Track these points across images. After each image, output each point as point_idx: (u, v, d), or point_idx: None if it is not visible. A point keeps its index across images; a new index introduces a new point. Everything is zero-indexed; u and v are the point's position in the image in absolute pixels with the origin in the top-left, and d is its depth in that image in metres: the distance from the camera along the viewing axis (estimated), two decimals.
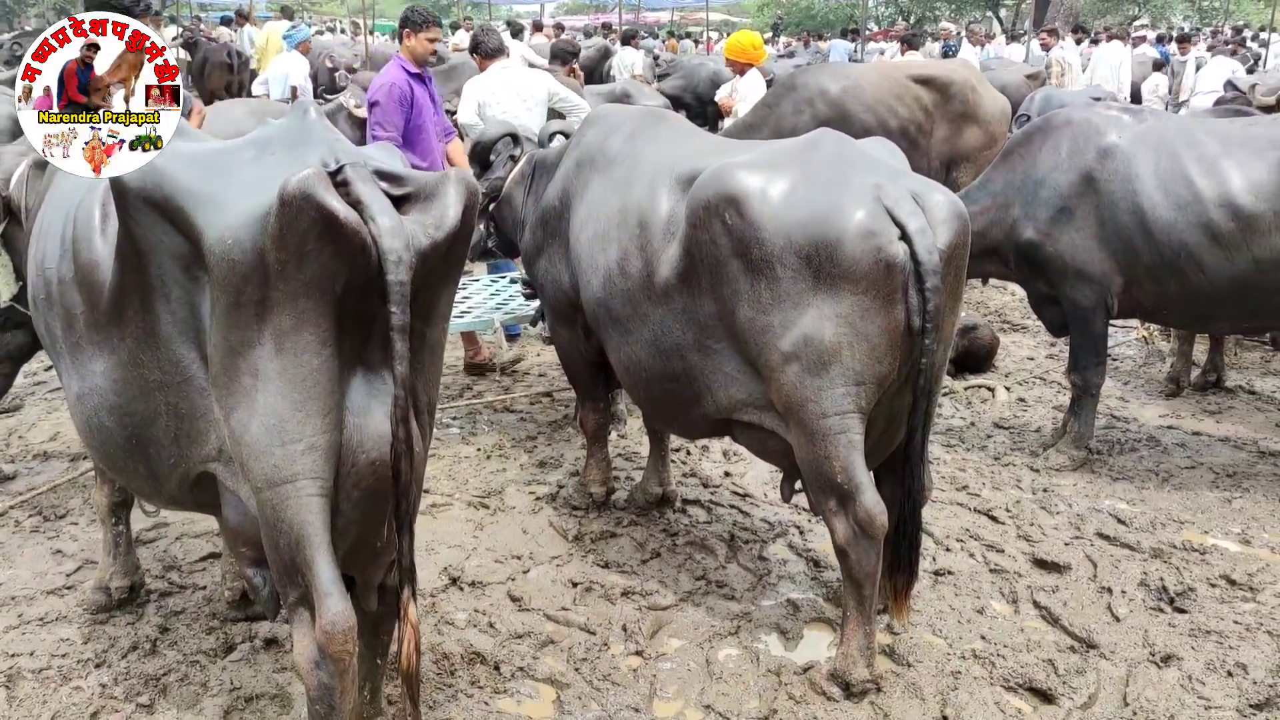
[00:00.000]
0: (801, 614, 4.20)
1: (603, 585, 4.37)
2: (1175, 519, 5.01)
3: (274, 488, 2.65)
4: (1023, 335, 8.17)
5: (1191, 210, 4.97)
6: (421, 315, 2.77)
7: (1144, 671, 3.79)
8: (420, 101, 6.52)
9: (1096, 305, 5.31)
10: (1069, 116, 5.50)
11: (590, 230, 4.37)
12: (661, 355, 4.01)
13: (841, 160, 3.68)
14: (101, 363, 2.98)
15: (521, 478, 5.48)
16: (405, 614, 2.75)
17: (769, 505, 5.15)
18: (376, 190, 2.63)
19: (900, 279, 3.44)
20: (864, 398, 3.50)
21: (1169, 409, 6.51)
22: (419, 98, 6.53)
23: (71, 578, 4.39)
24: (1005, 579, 4.45)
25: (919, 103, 9.12)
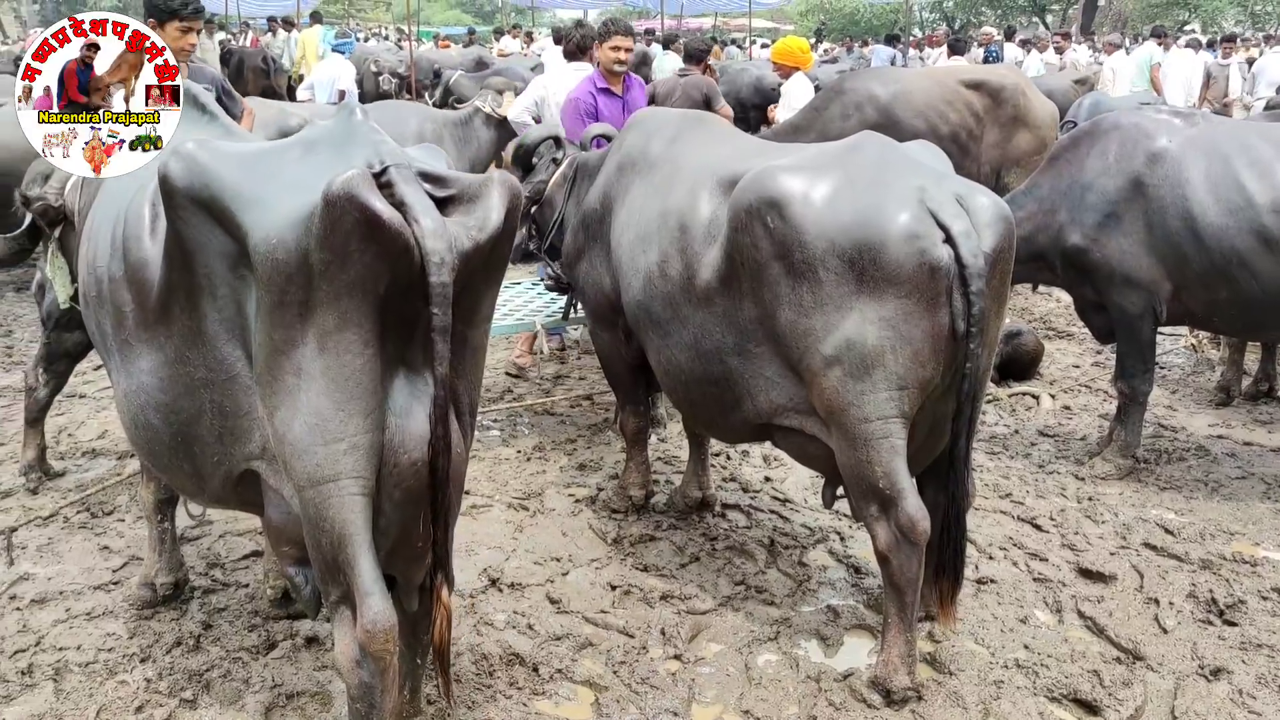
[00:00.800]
0: (842, 620, 4.16)
1: (642, 589, 4.36)
2: (1225, 530, 4.91)
3: (316, 486, 2.67)
4: (1068, 342, 8.07)
5: (1244, 215, 4.88)
6: (463, 317, 2.78)
7: (1192, 684, 3.72)
8: (608, 114, 6.48)
9: (1144, 312, 5.23)
10: (1117, 121, 5.42)
11: (631, 233, 4.37)
12: (702, 358, 4.00)
13: (884, 163, 3.65)
14: (149, 360, 3.01)
15: (561, 480, 5.49)
16: (438, 595, 2.76)
17: (809, 511, 5.12)
18: (420, 191, 2.64)
19: (944, 282, 3.41)
20: (907, 402, 3.47)
21: (1219, 418, 6.40)
22: (605, 111, 6.50)
23: (118, 574, 4.45)
24: (1049, 588, 4.39)
25: (969, 108, 9.07)
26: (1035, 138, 9.19)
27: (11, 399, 6.46)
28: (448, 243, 2.57)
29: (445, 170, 2.81)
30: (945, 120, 8.99)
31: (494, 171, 2.82)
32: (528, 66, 14.98)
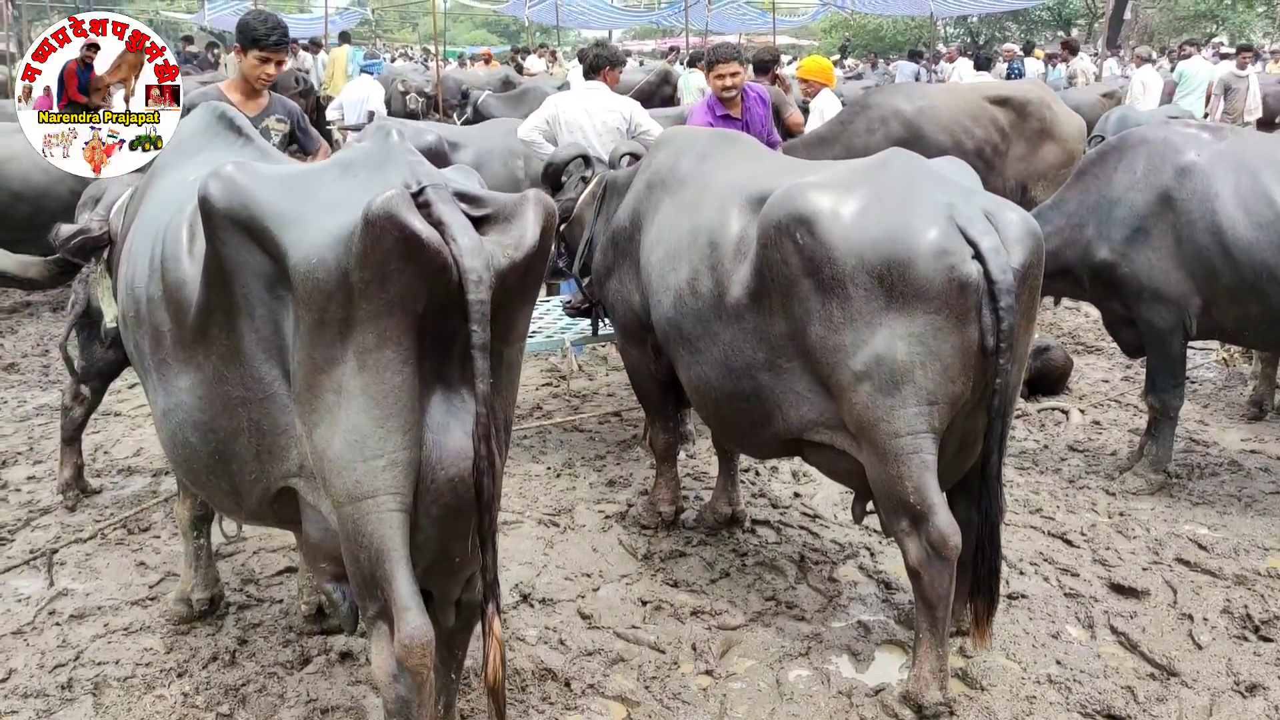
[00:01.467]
0: (873, 636, 4.16)
1: (672, 604, 4.37)
2: (1259, 545, 4.88)
3: (355, 503, 2.71)
4: (1097, 357, 8.03)
5: (1273, 229, 4.86)
6: (500, 334, 2.81)
7: (1228, 701, 3.69)
8: None
9: (1174, 327, 5.21)
10: (1145, 135, 5.42)
11: (661, 250, 4.41)
12: (732, 375, 4.02)
13: (913, 179, 3.67)
14: (187, 379, 3.06)
15: (591, 496, 5.51)
16: (490, 628, 2.78)
17: (839, 526, 5.12)
18: (457, 211, 2.68)
19: (974, 298, 3.42)
20: (937, 418, 3.48)
21: (1251, 433, 6.35)
22: None
23: (155, 589, 4.51)
24: (1081, 603, 4.37)
25: (995, 123, 9.06)
26: (1062, 151, 9.16)
27: (49, 417, 6.56)
28: (485, 261, 2.61)
29: (480, 190, 2.85)
30: (970, 135, 8.99)
31: (530, 191, 2.85)
32: (554, 86, 15.08)
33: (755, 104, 6.84)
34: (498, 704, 2.85)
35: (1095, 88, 15.02)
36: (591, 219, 5.26)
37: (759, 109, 6.88)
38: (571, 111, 7.15)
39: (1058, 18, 44.25)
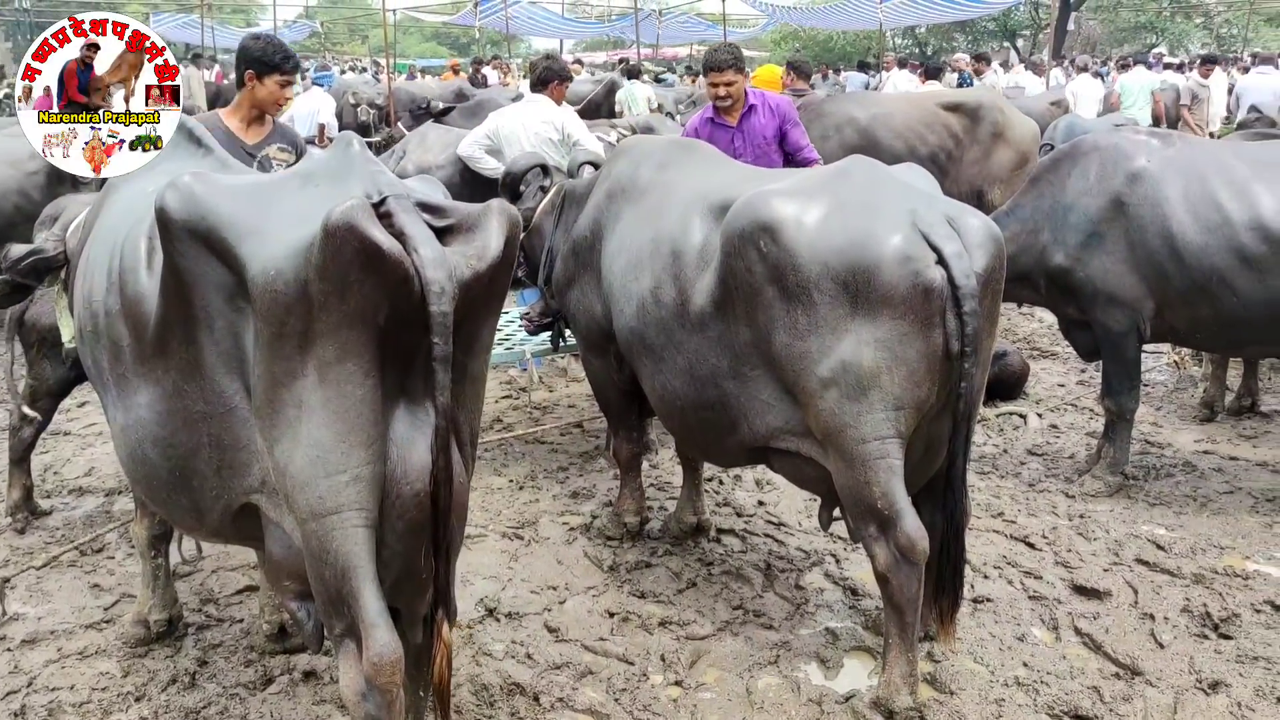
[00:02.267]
0: (841, 642, 4.16)
1: (640, 615, 4.35)
2: (1216, 544, 4.95)
3: (319, 519, 2.66)
4: (1052, 362, 8.13)
5: (1222, 234, 4.95)
6: (463, 347, 2.78)
7: (1192, 699, 3.73)
8: (719, 147, 5.90)
9: (1129, 330, 5.28)
10: (1097, 141, 5.50)
11: (623, 260, 4.39)
12: (697, 383, 4.01)
13: (875, 186, 3.69)
14: (146, 395, 3.00)
15: (555, 508, 5.48)
16: (439, 630, 2.75)
17: (804, 534, 5.13)
18: (419, 221, 2.65)
19: (938, 303, 3.44)
20: (903, 422, 3.49)
21: (1204, 434, 6.45)
22: (719, 144, 5.99)
23: (109, 611, 4.41)
24: (1045, 606, 4.41)
25: (948, 129, 9.18)
26: (1015, 154, 9.29)
27: None
28: (448, 272, 2.58)
29: (443, 200, 2.82)
30: (924, 141, 9.10)
31: (493, 201, 2.82)
32: (508, 97, 15.03)
33: (759, 115, 6.27)
34: (443, 704, 2.82)
35: (1044, 96, 15.26)
36: (550, 229, 5.23)
37: (762, 120, 6.28)
38: (510, 125, 7.15)
39: (1003, 29, 44.93)
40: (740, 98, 6.21)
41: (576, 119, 7.46)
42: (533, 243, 5.38)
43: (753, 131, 6.26)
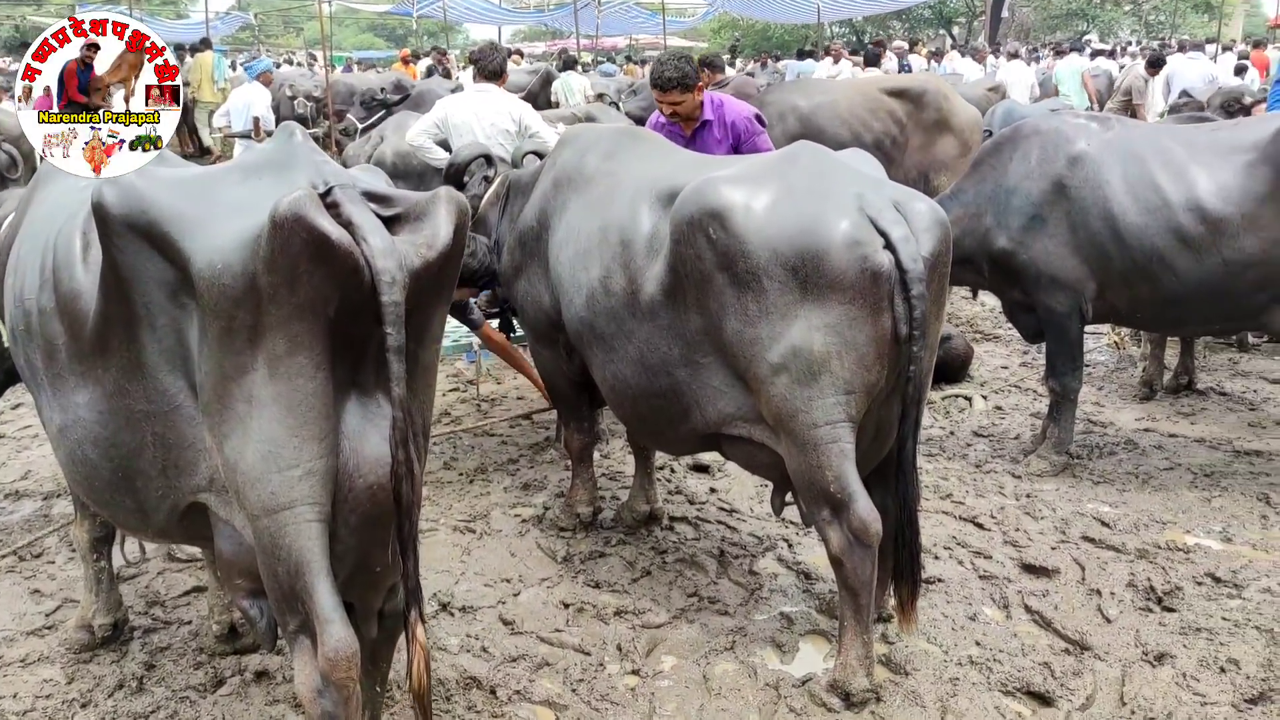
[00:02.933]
0: (796, 627, 4.19)
1: (595, 605, 4.33)
2: (1158, 520, 5.05)
3: (271, 515, 2.61)
4: (996, 344, 8.24)
5: (1161, 215, 5.04)
6: (415, 336, 2.75)
7: (1139, 671, 3.81)
8: None
9: (1071, 311, 5.36)
10: (1038, 126, 5.57)
11: (571, 250, 4.37)
12: (648, 372, 4.00)
13: (822, 172, 3.70)
14: (85, 394, 2.93)
15: (506, 501, 5.44)
16: (414, 635, 2.72)
17: (756, 520, 5.14)
18: (367, 211, 2.60)
19: (886, 287, 3.46)
20: (854, 406, 3.51)
21: (1144, 412, 6.58)
22: None
23: (51, 617, 4.30)
24: (995, 585, 4.47)
25: (892, 115, 9.22)
26: (959, 141, 9.36)
27: None
28: (398, 261, 2.54)
29: (389, 189, 2.78)
30: (868, 128, 9.14)
31: (441, 189, 2.78)
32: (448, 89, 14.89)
33: (713, 131, 5.90)
34: (424, 711, 2.79)
35: (982, 82, 15.46)
36: (496, 219, 5.19)
37: (715, 137, 5.91)
38: (461, 114, 7.02)
39: (939, 16, 45.48)
40: (692, 113, 5.82)
41: (533, 111, 7.39)
42: (478, 234, 5.33)
43: (704, 146, 5.86)
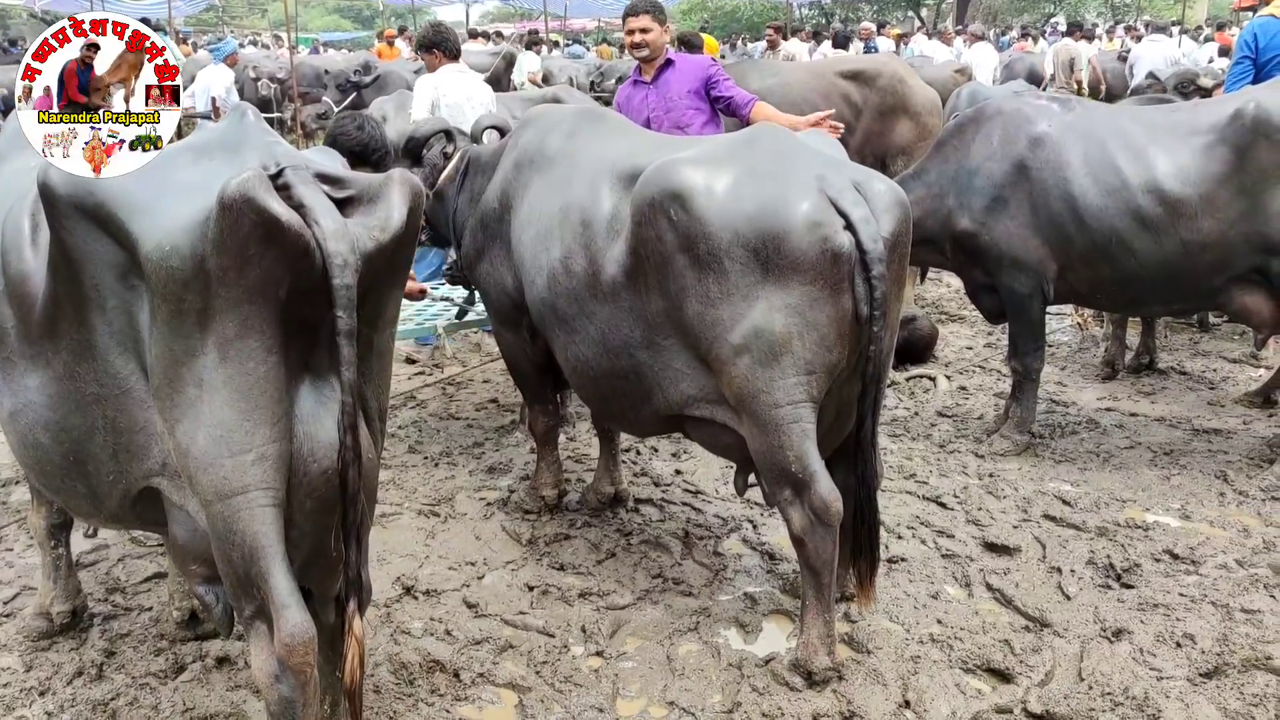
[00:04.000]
0: (759, 607, 4.20)
1: (559, 588, 4.33)
2: (1118, 498, 5.10)
3: (224, 500, 2.59)
4: (960, 325, 8.29)
5: (1120, 196, 5.08)
6: (368, 320, 2.73)
7: (1097, 647, 3.84)
8: (630, 106, 6.17)
9: (1033, 292, 5.39)
10: (1000, 107, 5.59)
11: (532, 230, 4.34)
12: (610, 353, 3.99)
13: (782, 153, 3.70)
14: (35, 378, 2.89)
15: (471, 484, 5.42)
16: (350, 627, 2.70)
17: (721, 501, 5.16)
18: (319, 193, 2.58)
19: (846, 268, 3.46)
20: (815, 387, 3.52)
21: (1106, 391, 6.64)
22: (628, 103, 6.21)
23: (9, 605, 4.25)
24: (957, 563, 4.50)
25: (847, 99, 9.01)
26: (916, 125, 9.17)
27: None
28: (350, 244, 2.52)
29: (342, 171, 2.75)
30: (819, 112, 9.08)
31: (395, 170, 2.76)
32: (412, 70, 14.79)
33: (675, 71, 6.16)
34: (354, 707, 2.77)
35: (949, 64, 15.46)
36: (454, 194, 5.13)
37: (678, 76, 6.15)
38: (453, 96, 7.01)
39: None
40: (656, 49, 6.14)
41: None
42: (435, 209, 5.27)
43: (666, 87, 6.15)
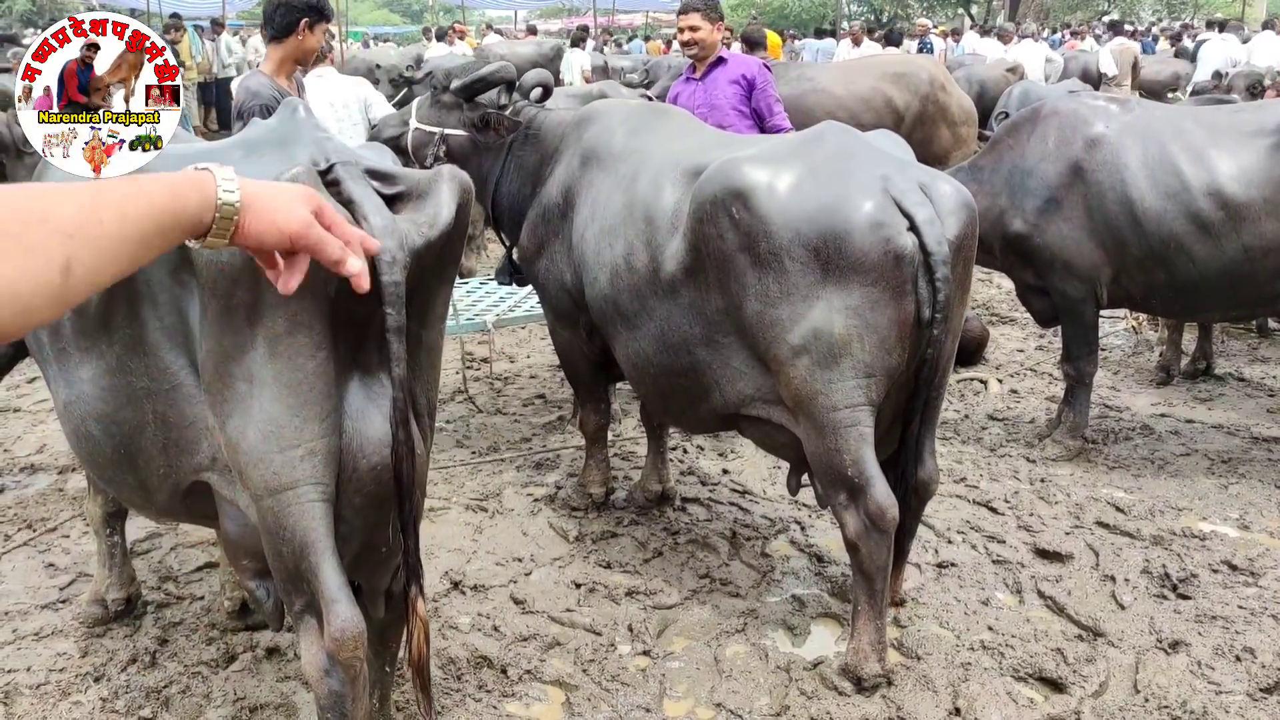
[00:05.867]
0: (808, 610, 4.17)
1: (606, 586, 4.32)
2: (1173, 506, 5.00)
3: (274, 495, 2.60)
4: (1011, 328, 8.18)
5: (1180, 199, 4.96)
6: (417, 316, 2.72)
7: (1153, 658, 3.77)
8: (681, 102, 6.13)
9: (1086, 296, 5.29)
10: (1056, 107, 5.49)
11: (596, 227, 4.27)
12: (669, 350, 3.96)
13: (847, 152, 3.62)
14: (89, 370, 2.91)
15: (518, 480, 5.43)
16: (414, 608, 2.70)
17: (768, 501, 5.12)
18: (369, 189, 2.57)
19: (910, 270, 3.40)
20: (874, 390, 3.46)
21: (1160, 397, 6.52)
22: (682, 99, 6.19)
23: (65, 591, 4.32)
24: (1009, 570, 4.43)
25: (889, 104, 8.70)
26: (953, 134, 8.87)
27: None
28: (399, 240, 2.51)
29: (393, 167, 2.75)
30: (857, 122, 8.62)
31: (445, 167, 2.75)
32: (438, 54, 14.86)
33: (725, 70, 6.15)
34: (422, 680, 2.78)
35: (1000, 63, 15.25)
36: (498, 156, 4.98)
37: (728, 76, 6.14)
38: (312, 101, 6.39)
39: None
40: (709, 47, 6.14)
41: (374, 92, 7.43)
42: (470, 155, 5.04)
43: (714, 85, 6.15)
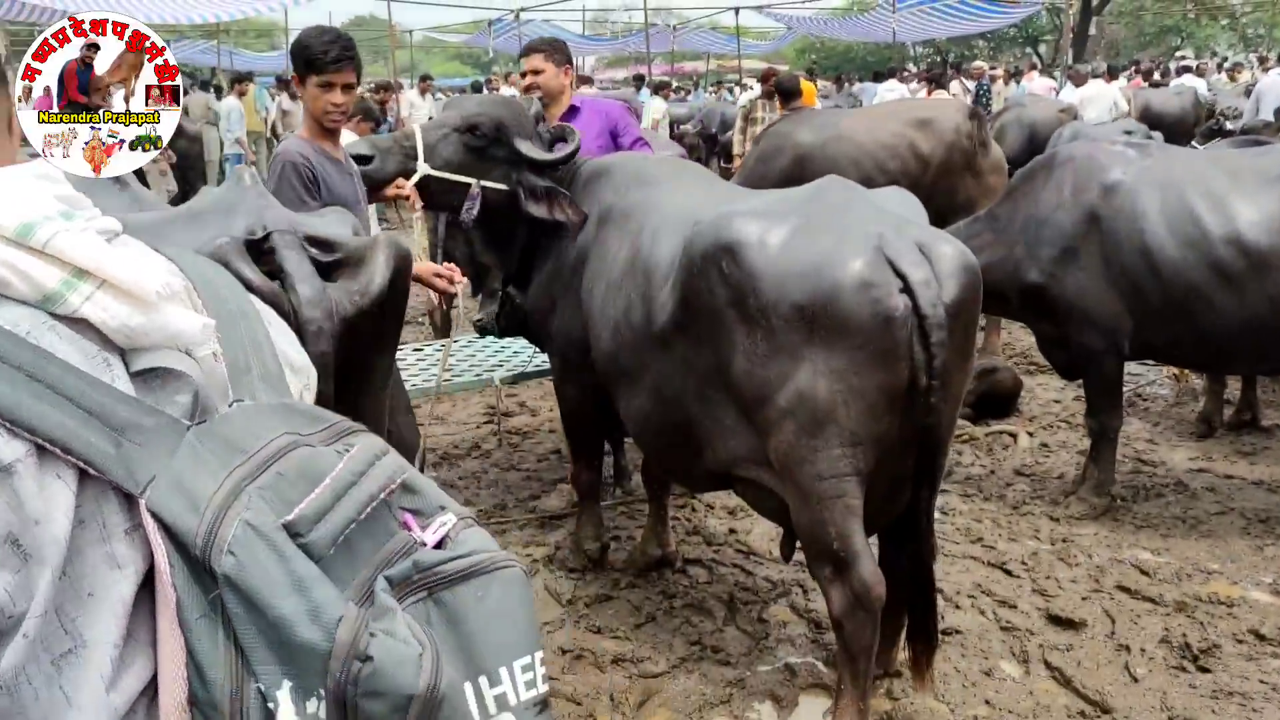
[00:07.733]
0: (798, 680, 4.01)
1: (594, 652, 4.22)
2: (1202, 569, 4.76)
3: None
4: (1048, 377, 7.90)
5: (1199, 248, 4.74)
6: (355, 386, 2.69)
7: None
8: None
9: (1107, 349, 5.08)
10: (1072, 152, 5.33)
11: (603, 283, 4.19)
12: (664, 405, 3.86)
13: (845, 209, 3.48)
14: None
15: (521, 539, 5.35)
16: None
17: (773, 563, 4.97)
18: (302, 258, 2.56)
19: (902, 334, 3.23)
20: (861, 459, 3.30)
21: (1200, 451, 6.24)
22: None
23: None
24: (1017, 637, 4.24)
25: (914, 151, 8.37)
26: (980, 184, 8.47)
27: None
28: (326, 310, 2.48)
29: (336, 234, 2.73)
30: (883, 170, 8.17)
31: (380, 235, 2.73)
32: None
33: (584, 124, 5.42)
34: None
35: (1054, 103, 15.00)
36: None
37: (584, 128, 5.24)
38: None
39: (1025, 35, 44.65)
40: (554, 92, 5.58)
41: None
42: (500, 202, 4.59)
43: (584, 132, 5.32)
